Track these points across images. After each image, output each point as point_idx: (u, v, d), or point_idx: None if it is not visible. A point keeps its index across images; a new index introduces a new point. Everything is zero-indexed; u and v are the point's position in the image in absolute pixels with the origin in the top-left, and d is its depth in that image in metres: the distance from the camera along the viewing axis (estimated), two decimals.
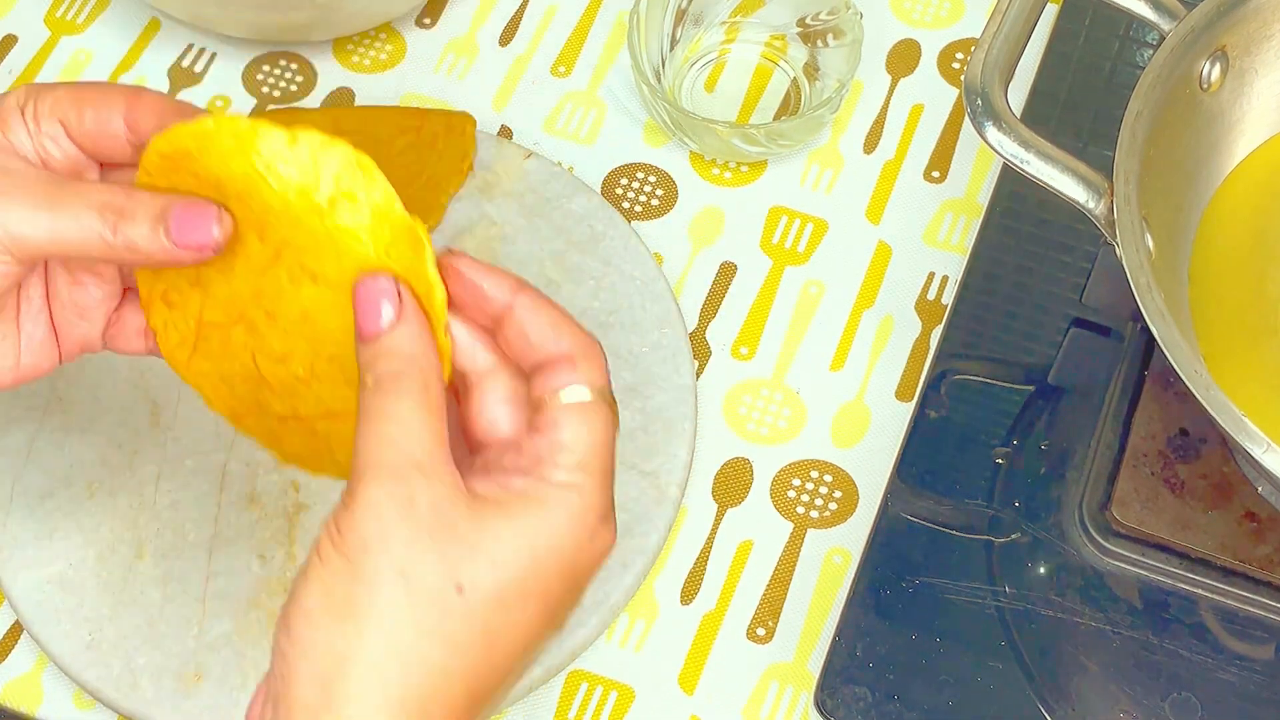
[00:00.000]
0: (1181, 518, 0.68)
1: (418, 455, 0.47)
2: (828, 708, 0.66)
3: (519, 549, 0.47)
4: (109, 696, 0.67)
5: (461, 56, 0.86)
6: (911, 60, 0.86)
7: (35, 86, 0.54)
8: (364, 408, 0.48)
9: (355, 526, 0.46)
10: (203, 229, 0.51)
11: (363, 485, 0.46)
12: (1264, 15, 0.70)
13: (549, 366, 0.49)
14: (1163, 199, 0.67)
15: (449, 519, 0.46)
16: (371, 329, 0.48)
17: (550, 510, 0.48)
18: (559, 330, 0.49)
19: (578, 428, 0.48)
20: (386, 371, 0.48)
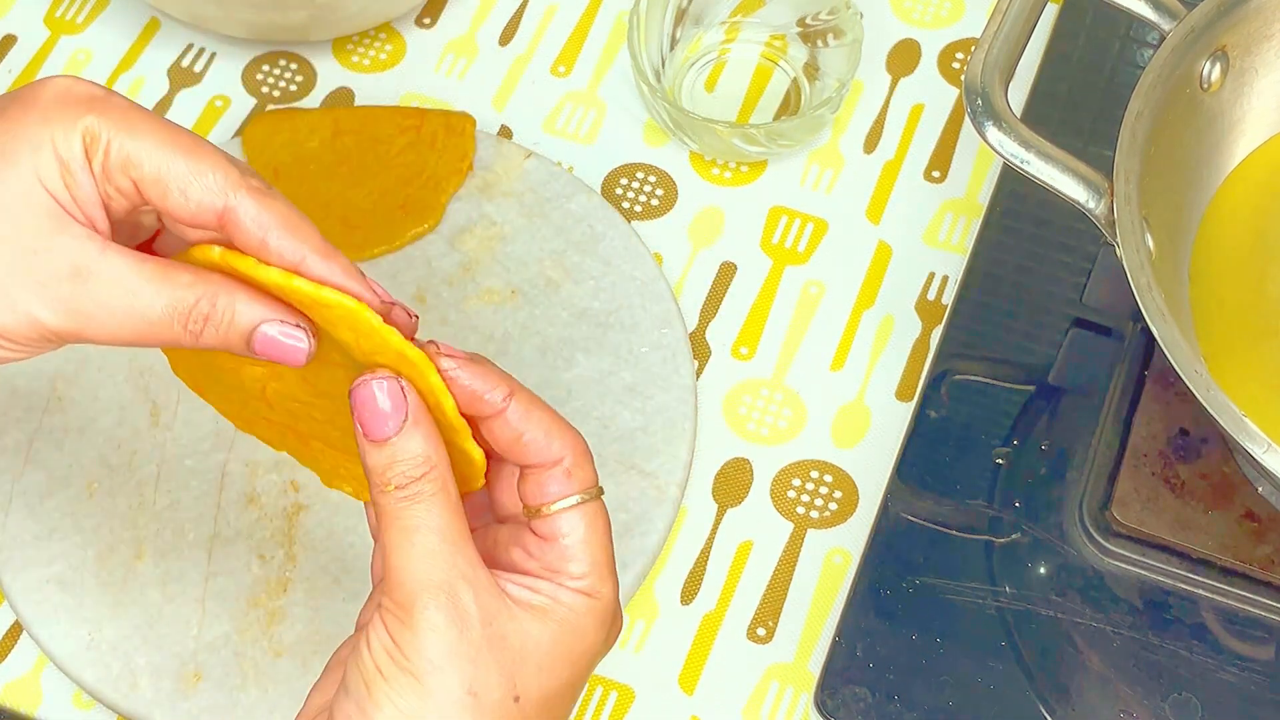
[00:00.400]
0: (1182, 518, 0.68)
1: (461, 566, 0.49)
2: (828, 708, 0.66)
3: (558, 656, 0.50)
4: (108, 697, 0.67)
5: (461, 56, 0.86)
6: (911, 60, 0.86)
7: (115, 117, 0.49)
8: (391, 515, 0.49)
9: (420, 649, 0.48)
10: (290, 353, 0.49)
11: (419, 606, 0.48)
12: (1264, 15, 0.70)
13: (542, 472, 0.51)
14: (1163, 199, 0.67)
15: (500, 630, 0.49)
16: (380, 433, 0.49)
17: (579, 617, 0.50)
18: (550, 436, 0.50)
19: (582, 533, 0.51)
20: (407, 477, 0.49)
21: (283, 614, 0.68)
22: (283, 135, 0.80)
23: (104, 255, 0.48)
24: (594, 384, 0.73)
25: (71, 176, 0.48)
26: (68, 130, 0.48)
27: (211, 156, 0.49)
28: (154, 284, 0.48)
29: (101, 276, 0.48)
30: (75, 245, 0.48)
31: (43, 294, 0.48)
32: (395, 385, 0.49)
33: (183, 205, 0.49)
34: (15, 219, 0.48)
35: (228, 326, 0.49)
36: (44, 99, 0.49)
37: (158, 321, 0.48)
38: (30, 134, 0.48)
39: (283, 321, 0.49)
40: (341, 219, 0.78)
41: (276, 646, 0.68)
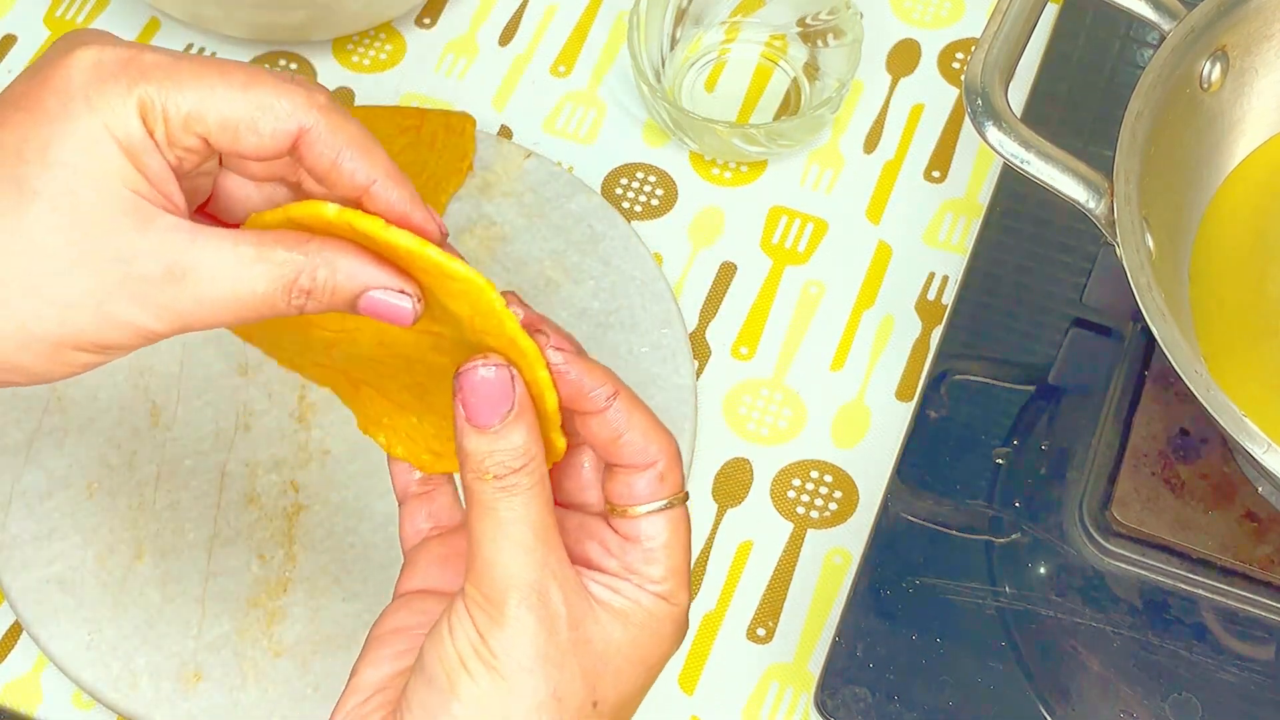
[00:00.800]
0: (1182, 518, 0.68)
1: (553, 564, 0.48)
2: (828, 708, 0.65)
3: (636, 662, 0.49)
4: (108, 697, 0.67)
5: (461, 56, 0.86)
6: (911, 60, 0.86)
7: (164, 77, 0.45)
8: (486, 505, 0.48)
9: (509, 649, 0.47)
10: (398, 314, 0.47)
11: (511, 604, 0.47)
12: (1264, 15, 0.70)
13: (633, 473, 0.50)
14: (1163, 199, 0.67)
15: (586, 634, 0.48)
16: (485, 420, 0.48)
17: (658, 623, 0.50)
18: (648, 438, 0.49)
19: (666, 537, 0.50)
20: (506, 467, 0.48)
21: (283, 614, 0.68)
22: None
23: (195, 244, 0.45)
24: None
25: (139, 159, 0.45)
26: (122, 111, 0.45)
27: (272, 84, 0.46)
28: (252, 266, 0.46)
29: (199, 271, 0.45)
30: (164, 241, 0.45)
31: (143, 303, 0.45)
32: (506, 374, 0.47)
33: (257, 143, 0.46)
34: (95, 227, 0.45)
35: (331, 294, 0.47)
36: (77, 80, 0.45)
37: (260, 302, 0.46)
38: (82, 129, 0.45)
39: (387, 288, 0.47)
40: None
41: (276, 646, 0.68)
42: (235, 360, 0.74)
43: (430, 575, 0.54)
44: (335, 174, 0.47)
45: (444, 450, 0.54)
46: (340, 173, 0.47)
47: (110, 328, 0.46)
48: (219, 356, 0.74)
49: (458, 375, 0.48)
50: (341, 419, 0.73)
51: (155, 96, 0.45)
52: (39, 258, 0.45)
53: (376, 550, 0.70)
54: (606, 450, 0.50)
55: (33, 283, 0.45)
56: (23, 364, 0.46)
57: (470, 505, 0.48)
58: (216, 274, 0.46)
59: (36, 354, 0.46)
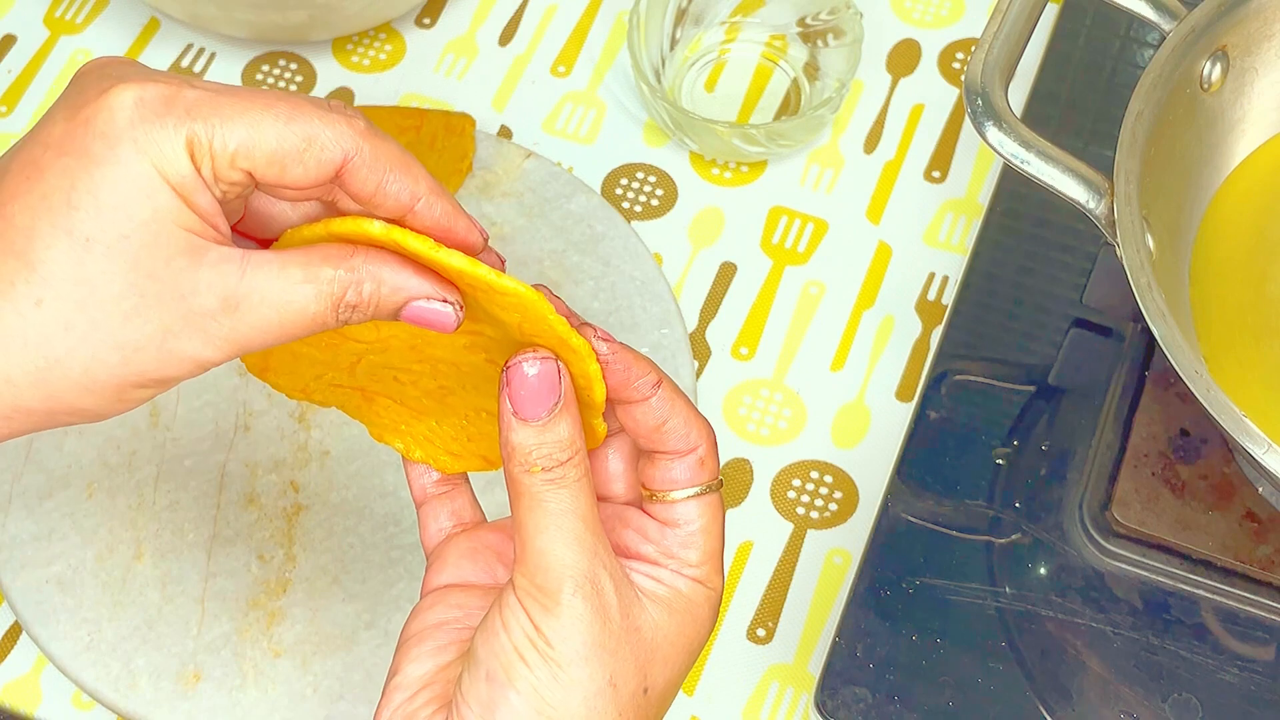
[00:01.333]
0: (1182, 518, 0.68)
1: (602, 554, 0.49)
2: (828, 709, 0.65)
3: (681, 648, 0.50)
4: (108, 697, 0.67)
5: (461, 56, 0.86)
6: (912, 60, 0.86)
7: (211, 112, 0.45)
8: (535, 497, 0.48)
9: (566, 638, 0.48)
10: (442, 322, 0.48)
11: (566, 595, 0.48)
12: (1265, 15, 0.70)
13: (674, 459, 0.50)
14: (1163, 199, 0.67)
15: (635, 622, 0.49)
16: (533, 414, 0.48)
17: (698, 608, 0.51)
18: (689, 425, 0.50)
19: (704, 522, 0.51)
20: (554, 460, 0.48)
21: (282, 614, 0.68)
22: None
23: (246, 275, 0.46)
24: None
25: (189, 198, 0.45)
26: (170, 151, 0.45)
27: (316, 115, 0.46)
28: (301, 287, 0.46)
29: (251, 299, 0.46)
30: (217, 274, 0.46)
31: (203, 336, 0.46)
32: (553, 368, 0.48)
33: (302, 174, 0.46)
34: (153, 269, 0.45)
35: (376, 307, 0.47)
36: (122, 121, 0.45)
37: (310, 321, 0.47)
38: (133, 173, 0.45)
39: (429, 298, 0.47)
40: None
41: (276, 647, 0.68)
42: (235, 360, 0.74)
43: (461, 569, 0.54)
44: (380, 197, 0.47)
45: (462, 451, 0.54)
46: (385, 195, 0.47)
47: (172, 363, 0.46)
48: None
49: (505, 369, 0.48)
50: (342, 419, 0.73)
51: (202, 134, 0.45)
52: (101, 305, 0.45)
53: (376, 550, 0.70)
54: (650, 438, 0.51)
55: (96, 330, 0.45)
56: (85, 406, 0.47)
57: (517, 498, 0.49)
58: (268, 299, 0.46)
59: (99, 396, 0.46)
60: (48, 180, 0.45)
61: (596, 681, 0.48)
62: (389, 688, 0.51)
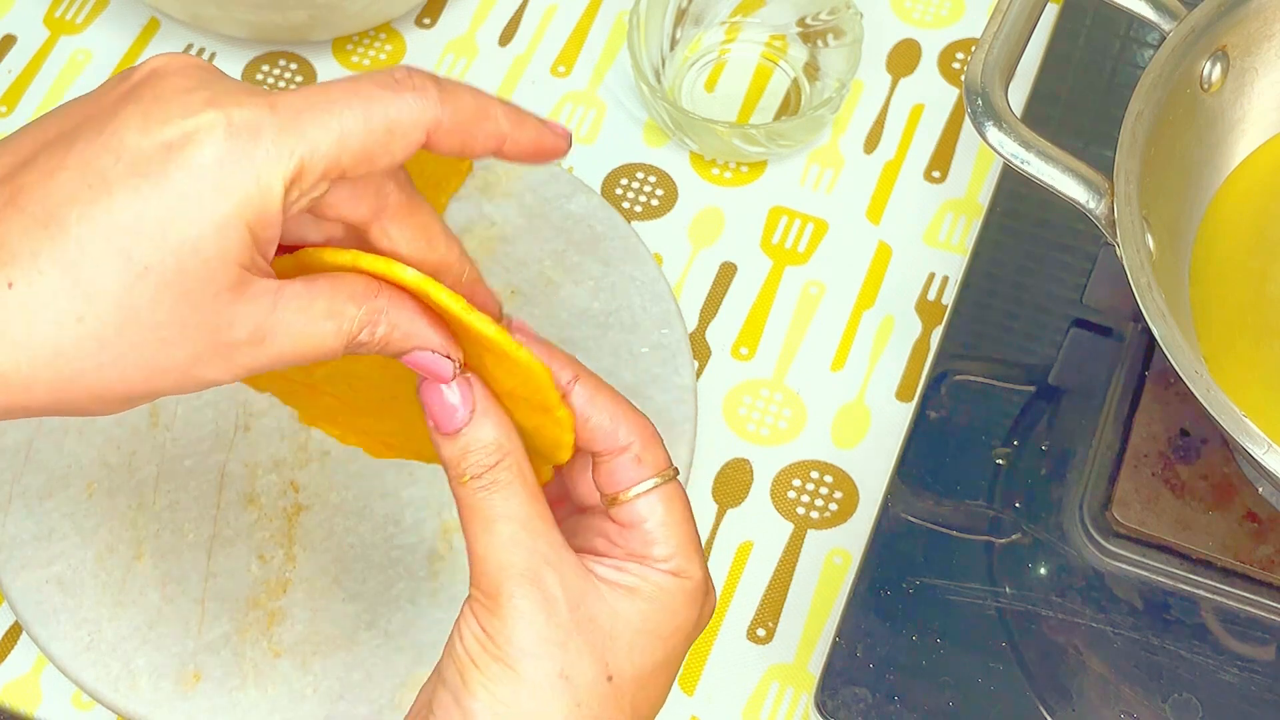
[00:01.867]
0: (1182, 518, 0.68)
1: (543, 550, 0.49)
2: (828, 709, 0.65)
3: (650, 633, 0.50)
4: (108, 697, 0.67)
5: (461, 56, 0.86)
6: (912, 60, 0.86)
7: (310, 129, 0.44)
8: (471, 506, 0.49)
9: (511, 636, 0.48)
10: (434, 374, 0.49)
11: (505, 594, 0.48)
12: (1265, 15, 0.70)
13: (612, 459, 0.51)
14: (1164, 199, 0.67)
15: (589, 612, 0.49)
16: (450, 425, 0.49)
17: (670, 596, 0.50)
18: (616, 421, 0.50)
19: (661, 515, 0.51)
20: (481, 465, 0.49)
21: (283, 614, 0.68)
22: None
23: (277, 309, 0.46)
24: None
25: (260, 234, 0.45)
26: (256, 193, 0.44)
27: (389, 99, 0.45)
28: (324, 323, 0.46)
29: (277, 333, 0.46)
30: (254, 308, 0.45)
31: (226, 364, 0.46)
32: (464, 381, 0.49)
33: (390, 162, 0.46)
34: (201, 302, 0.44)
35: (383, 347, 0.48)
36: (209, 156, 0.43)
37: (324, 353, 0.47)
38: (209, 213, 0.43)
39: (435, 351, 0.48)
40: None
41: (276, 647, 0.68)
42: None
43: None
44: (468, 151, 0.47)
45: (399, 444, 0.55)
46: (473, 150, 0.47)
47: (189, 385, 0.46)
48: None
49: (419, 390, 0.49)
50: None
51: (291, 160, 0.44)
52: (141, 329, 0.44)
53: (376, 550, 0.70)
54: (579, 438, 0.51)
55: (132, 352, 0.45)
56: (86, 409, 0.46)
57: (459, 509, 0.49)
58: (291, 330, 0.46)
59: (107, 404, 0.46)
60: (116, 198, 0.43)
61: (546, 674, 0.48)
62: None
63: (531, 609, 0.48)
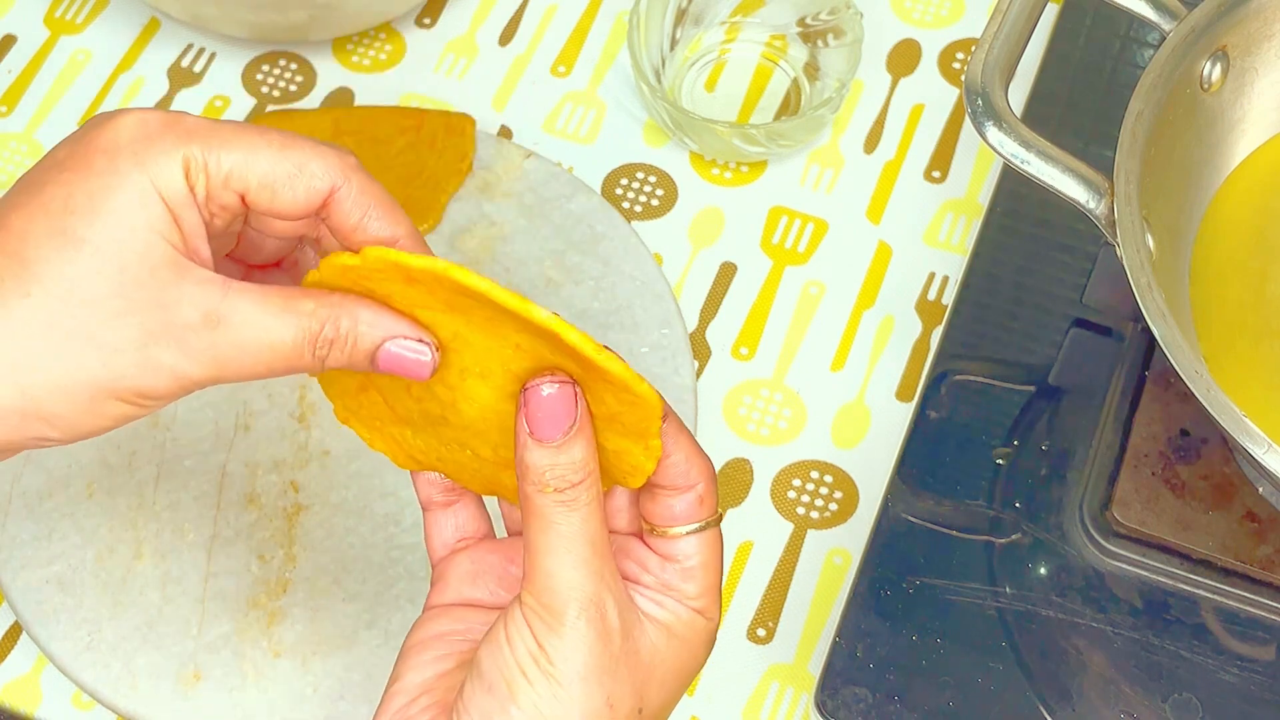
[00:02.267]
0: (1182, 518, 0.68)
1: (608, 578, 0.49)
2: (828, 709, 0.65)
3: (676, 672, 0.51)
4: (108, 697, 0.67)
5: (461, 56, 0.86)
6: (912, 60, 0.86)
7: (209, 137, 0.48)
8: (545, 516, 0.49)
9: (568, 658, 0.48)
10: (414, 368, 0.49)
11: (571, 615, 0.49)
12: (1265, 15, 0.70)
13: (674, 495, 0.51)
14: (1164, 199, 0.67)
15: (635, 645, 0.50)
16: (549, 435, 0.49)
17: (696, 635, 0.51)
18: (690, 461, 0.51)
19: (704, 557, 0.51)
20: (566, 481, 0.49)
21: (283, 614, 0.68)
22: None
23: (228, 297, 0.47)
24: None
25: (178, 215, 0.47)
26: (167, 167, 0.47)
27: (308, 147, 0.49)
28: (281, 317, 0.48)
29: (233, 320, 0.47)
30: (200, 291, 0.47)
31: (184, 348, 0.47)
32: (570, 391, 0.49)
33: (291, 200, 0.48)
34: (141, 279, 0.47)
35: (353, 346, 0.49)
36: (125, 138, 0.48)
37: (290, 352, 0.48)
38: (133, 184, 0.47)
39: (405, 337, 0.49)
40: None
41: (276, 647, 0.68)
42: None
43: (462, 590, 0.55)
44: (360, 232, 0.49)
45: (424, 460, 0.54)
46: (366, 231, 0.49)
47: (150, 373, 0.47)
48: None
49: (524, 391, 0.49)
50: None
51: (198, 154, 0.47)
52: (86, 304, 0.46)
53: (376, 550, 0.70)
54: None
55: (79, 329, 0.46)
56: (58, 414, 0.47)
57: (529, 517, 0.49)
58: (249, 321, 0.47)
59: (75, 403, 0.47)
60: (47, 191, 0.47)
61: (595, 701, 0.49)
62: (388, 693, 0.52)
63: (593, 635, 0.49)
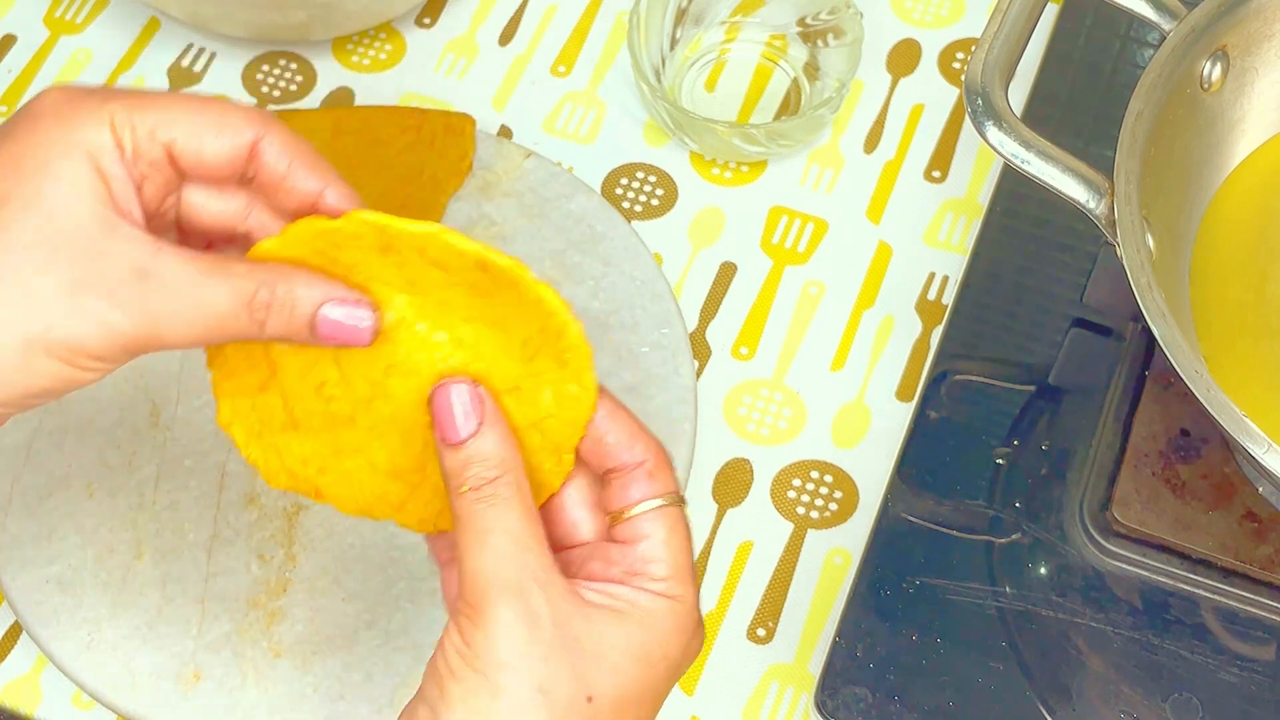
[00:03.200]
0: (1182, 518, 0.68)
1: (533, 567, 0.49)
2: (828, 708, 0.65)
3: (635, 657, 0.50)
4: (108, 697, 0.67)
5: (461, 56, 0.86)
6: (912, 60, 0.86)
7: (130, 98, 0.49)
8: (465, 516, 0.49)
9: (492, 647, 0.48)
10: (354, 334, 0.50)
11: (490, 605, 0.48)
12: (1265, 15, 0.70)
13: (624, 475, 0.52)
14: (1164, 199, 0.67)
15: (573, 631, 0.49)
16: (455, 435, 0.50)
17: (658, 620, 0.50)
18: (635, 440, 0.51)
19: (664, 535, 0.51)
20: (481, 479, 0.49)
21: (283, 614, 0.68)
22: None
23: (160, 254, 0.48)
24: None
25: (105, 171, 0.48)
26: (93, 124, 0.48)
27: (225, 102, 0.50)
28: (214, 277, 0.48)
29: (164, 275, 0.48)
30: (131, 246, 0.48)
31: (114, 299, 0.47)
32: (474, 391, 0.49)
33: (217, 149, 0.49)
34: (68, 230, 0.47)
35: (291, 310, 0.49)
36: (49, 104, 0.49)
37: (225, 314, 0.48)
38: (56, 140, 0.48)
39: (343, 300, 0.49)
40: None
41: (276, 647, 0.68)
42: None
43: None
44: (290, 181, 0.50)
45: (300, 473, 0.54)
46: (295, 179, 0.50)
47: (79, 321, 0.47)
48: None
49: (430, 396, 0.50)
50: None
51: (123, 112, 0.49)
52: (13, 254, 0.47)
53: (376, 550, 0.70)
54: (594, 454, 0.51)
55: (8, 275, 0.47)
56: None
57: (454, 522, 0.50)
58: (181, 277, 0.48)
59: (5, 357, 0.47)
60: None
61: (523, 689, 0.48)
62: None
63: (514, 621, 0.48)
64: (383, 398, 0.51)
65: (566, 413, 0.51)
